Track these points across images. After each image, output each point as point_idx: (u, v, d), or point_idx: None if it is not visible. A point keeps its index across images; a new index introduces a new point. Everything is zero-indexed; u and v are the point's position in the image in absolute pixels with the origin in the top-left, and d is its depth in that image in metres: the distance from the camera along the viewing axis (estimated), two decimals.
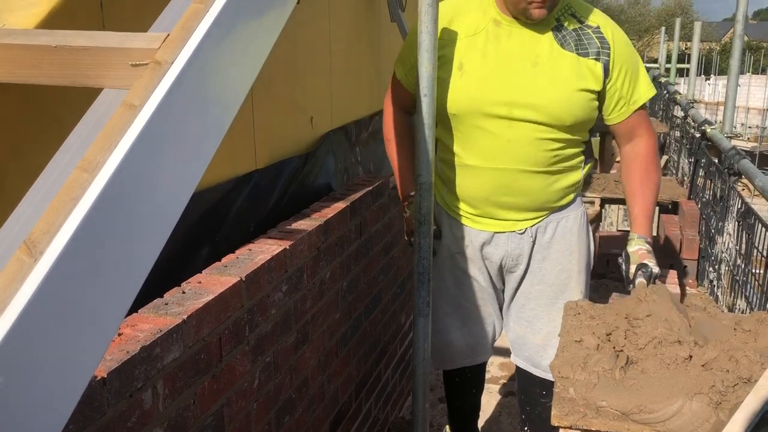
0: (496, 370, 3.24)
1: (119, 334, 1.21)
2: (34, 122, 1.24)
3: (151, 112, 0.83)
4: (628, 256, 1.93)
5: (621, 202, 4.42)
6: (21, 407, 0.67)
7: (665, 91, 7.30)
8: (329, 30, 2.52)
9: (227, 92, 0.99)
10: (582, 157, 2.05)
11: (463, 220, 2.09)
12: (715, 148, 3.64)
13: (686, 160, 4.74)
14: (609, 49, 1.84)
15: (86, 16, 1.32)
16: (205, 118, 0.92)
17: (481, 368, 2.43)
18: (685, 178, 4.55)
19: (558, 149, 1.93)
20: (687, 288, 3.70)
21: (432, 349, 2.10)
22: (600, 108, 1.93)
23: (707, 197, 3.51)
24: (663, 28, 12.01)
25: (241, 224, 1.97)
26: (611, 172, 5.69)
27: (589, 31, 1.86)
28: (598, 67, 1.85)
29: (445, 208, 2.13)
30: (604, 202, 4.46)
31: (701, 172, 3.81)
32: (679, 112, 5.87)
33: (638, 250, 1.92)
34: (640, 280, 1.84)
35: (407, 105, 2.09)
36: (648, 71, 8.43)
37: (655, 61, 14.65)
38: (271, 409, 1.71)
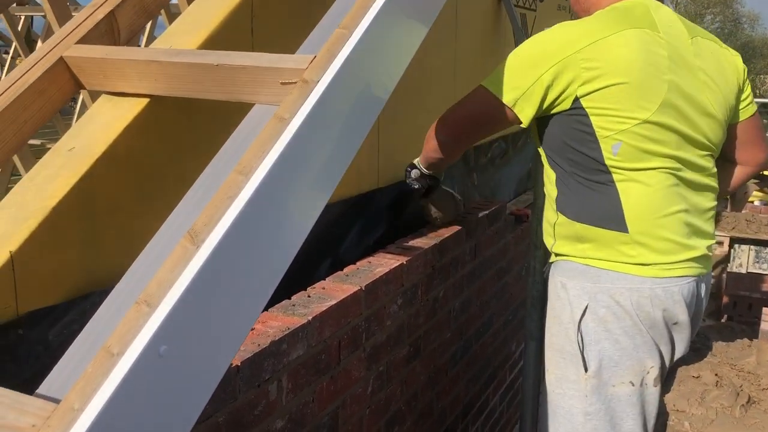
0: None
1: (251, 329, 1.32)
2: (189, 133, 1.38)
3: (298, 125, 0.93)
4: None
5: (752, 242, 4.19)
6: (178, 375, 0.77)
7: None
8: (455, 56, 2.60)
9: (365, 109, 1.08)
10: (554, 194, 1.69)
11: None
12: None
13: None
14: None
15: (239, 41, 1.46)
16: (345, 131, 1.02)
17: None
18: None
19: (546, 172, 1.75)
20: None
21: None
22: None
23: None
24: None
25: (361, 239, 2.06)
26: (743, 211, 5.39)
27: None
28: None
29: None
30: (734, 241, 4.24)
31: None
32: None
33: None
34: None
35: (487, 134, 1.86)
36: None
37: None
38: (381, 418, 1.77)
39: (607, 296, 1.59)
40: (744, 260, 4.19)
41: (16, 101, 1.16)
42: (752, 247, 4.19)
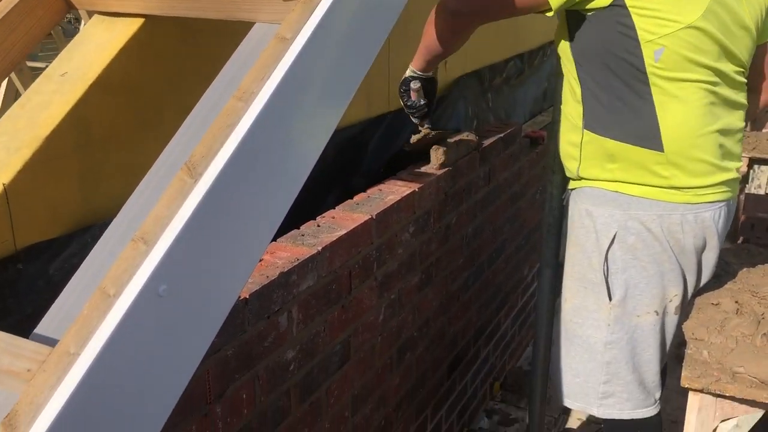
0: None
1: (259, 261, 1.29)
2: (189, 57, 1.31)
3: (302, 45, 0.85)
4: None
5: None
6: (180, 314, 0.73)
7: None
8: None
9: (374, 27, 1.00)
10: (580, 111, 1.58)
11: None
12: None
13: None
14: None
15: None
16: (353, 51, 0.94)
17: None
18: None
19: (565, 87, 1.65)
20: None
21: None
22: None
23: None
24: None
25: (372, 164, 2.01)
26: (763, 130, 5.24)
27: None
28: None
29: None
30: (753, 162, 4.14)
31: None
32: None
33: None
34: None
35: (507, 13, 1.59)
36: None
37: None
38: (393, 345, 1.76)
39: (638, 223, 1.54)
40: (763, 181, 4.10)
41: (1, 23, 1.08)
42: None
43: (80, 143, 1.10)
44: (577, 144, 1.61)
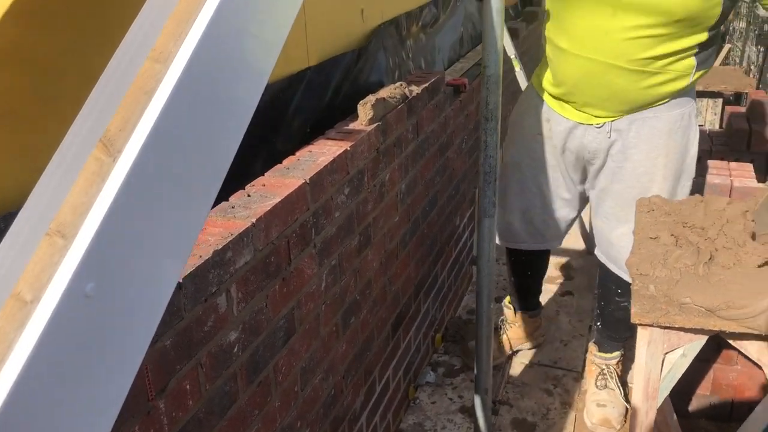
0: (552, 270, 3.19)
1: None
2: (92, 17, 1.16)
3: None
4: None
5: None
6: (113, 314, 0.64)
7: None
8: None
9: None
10: (693, 63, 1.91)
11: (550, 103, 2.13)
12: None
13: (754, 49, 4.45)
14: None
15: None
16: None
17: (542, 256, 2.49)
18: (752, 68, 4.28)
19: (661, 49, 1.84)
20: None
21: (497, 222, 2.28)
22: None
23: None
24: None
25: (297, 124, 1.90)
26: None
27: None
28: None
29: (537, 88, 2.18)
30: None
31: None
32: None
33: None
34: None
35: None
36: None
37: None
38: (338, 311, 1.70)
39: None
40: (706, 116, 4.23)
41: None
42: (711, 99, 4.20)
43: None
44: (683, 86, 1.94)
